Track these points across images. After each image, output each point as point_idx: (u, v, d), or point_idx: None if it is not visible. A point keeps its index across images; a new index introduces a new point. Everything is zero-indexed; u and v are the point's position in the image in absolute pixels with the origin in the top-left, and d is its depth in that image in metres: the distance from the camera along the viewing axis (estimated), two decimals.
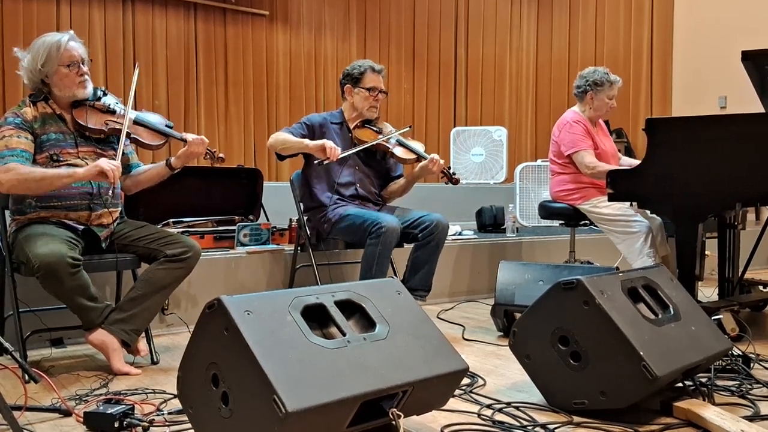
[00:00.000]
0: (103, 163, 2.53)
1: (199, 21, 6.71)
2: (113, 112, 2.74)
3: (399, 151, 3.46)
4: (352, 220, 3.25)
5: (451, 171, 3.46)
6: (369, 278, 3.10)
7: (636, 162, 3.56)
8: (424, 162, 3.41)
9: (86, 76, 2.70)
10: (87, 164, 2.65)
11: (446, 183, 3.49)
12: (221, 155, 2.88)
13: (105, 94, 2.77)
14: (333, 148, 3.19)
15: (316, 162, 3.27)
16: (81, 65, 2.67)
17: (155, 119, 2.86)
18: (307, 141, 3.30)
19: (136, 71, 3.05)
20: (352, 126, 3.50)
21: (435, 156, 3.39)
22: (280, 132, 3.43)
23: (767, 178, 2.86)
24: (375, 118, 3.55)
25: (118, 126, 2.72)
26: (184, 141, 2.78)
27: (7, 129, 2.57)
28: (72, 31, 2.72)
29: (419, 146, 3.54)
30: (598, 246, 4.69)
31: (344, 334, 1.74)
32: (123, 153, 2.75)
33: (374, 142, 3.39)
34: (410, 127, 3.89)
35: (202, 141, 2.78)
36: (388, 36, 7.89)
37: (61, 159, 2.63)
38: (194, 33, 6.69)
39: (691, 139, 3.00)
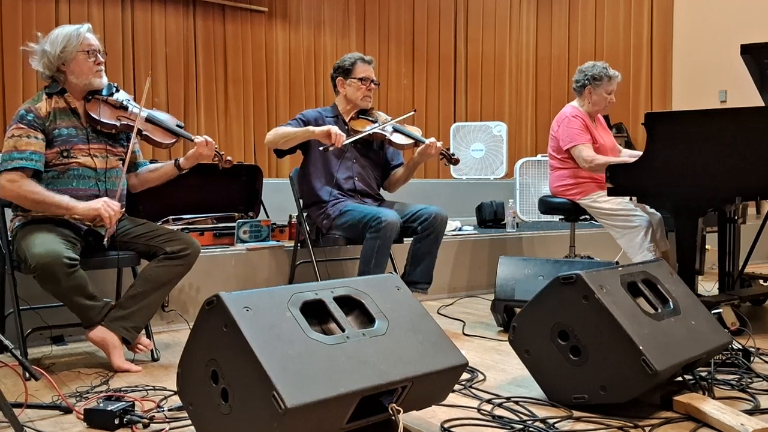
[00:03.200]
0: (102, 208, 2.55)
1: (198, 18, 6.70)
2: (125, 109, 2.75)
3: (397, 138, 3.46)
4: (352, 216, 3.25)
5: (450, 152, 3.45)
6: (367, 272, 3.11)
7: (638, 153, 3.56)
8: (422, 146, 3.40)
9: (102, 66, 2.71)
10: (96, 162, 2.67)
11: (446, 164, 3.49)
12: (229, 158, 2.87)
13: (117, 90, 2.79)
14: (338, 134, 3.19)
15: (321, 149, 3.26)
16: (98, 54, 2.69)
17: (166, 118, 2.87)
18: (312, 128, 3.30)
19: (149, 80, 3.02)
20: (347, 118, 3.51)
21: (433, 139, 3.40)
22: (277, 128, 3.42)
23: (766, 171, 2.86)
24: (369, 108, 3.55)
25: (130, 123, 2.73)
26: (194, 141, 2.80)
27: (17, 128, 2.56)
28: (89, 24, 2.74)
29: (417, 132, 3.53)
30: (598, 241, 4.69)
31: (343, 330, 1.74)
32: (132, 151, 2.79)
33: (373, 129, 3.39)
34: (414, 111, 3.89)
35: (209, 144, 2.78)
36: (388, 31, 7.88)
37: (72, 155, 2.63)
38: (193, 30, 6.69)
39: (690, 133, 3.00)
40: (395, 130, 3.48)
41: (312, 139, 3.32)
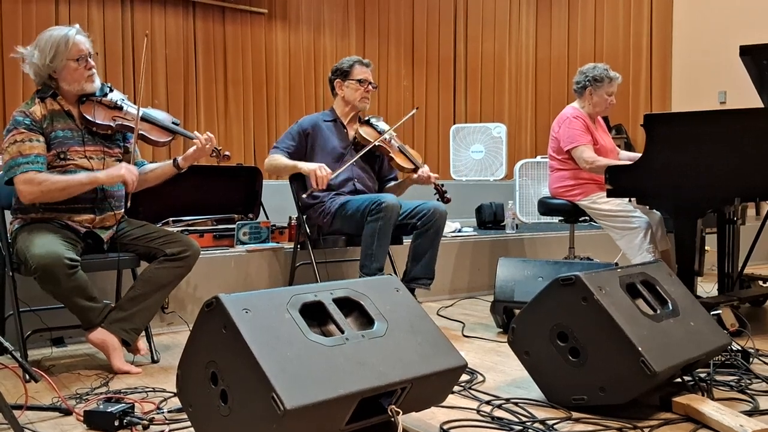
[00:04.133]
0: (126, 173, 2.58)
1: (198, 19, 6.71)
2: (120, 108, 2.75)
3: (399, 158, 3.51)
4: (352, 204, 3.28)
5: (443, 188, 3.49)
6: (370, 256, 3.12)
7: (636, 155, 3.57)
8: (416, 177, 3.48)
9: (94, 70, 2.70)
10: (92, 164, 2.67)
11: (438, 200, 3.50)
12: (227, 153, 2.88)
13: (111, 90, 2.78)
14: (321, 177, 3.23)
15: (304, 195, 3.35)
16: (89, 59, 2.67)
17: (162, 116, 2.86)
18: (300, 164, 3.35)
19: (146, 40, 2.97)
20: (345, 121, 3.52)
21: (425, 169, 3.46)
22: (271, 155, 3.47)
23: (765, 173, 2.86)
24: (377, 119, 3.57)
25: (125, 122, 2.72)
26: (192, 138, 2.80)
27: (18, 133, 2.55)
28: (78, 25, 2.71)
29: (418, 157, 3.60)
30: (597, 242, 4.70)
31: (342, 332, 1.74)
32: (129, 151, 2.78)
33: (374, 144, 3.41)
34: (416, 108, 3.91)
35: (209, 139, 2.78)
36: (387, 33, 7.89)
37: (68, 157, 2.63)
38: (193, 32, 6.69)
39: (689, 134, 3.00)
40: (399, 151, 3.53)
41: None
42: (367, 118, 3.60)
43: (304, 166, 3.32)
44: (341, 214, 3.32)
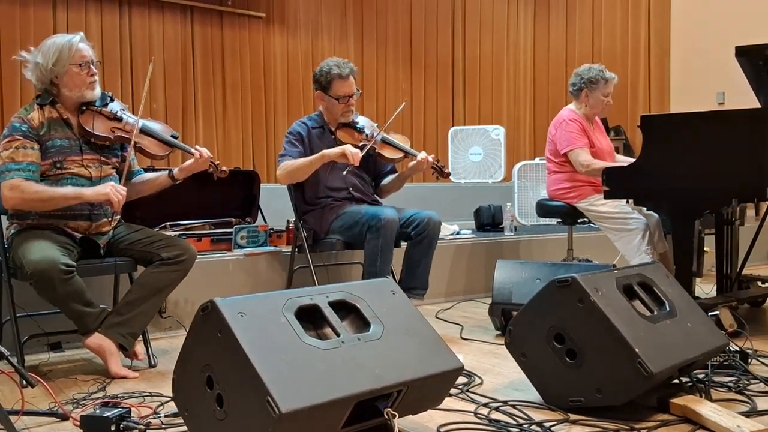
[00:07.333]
0: (111, 193, 2.56)
1: (196, 24, 6.71)
2: (119, 120, 2.74)
3: (387, 152, 3.45)
4: (350, 216, 3.26)
5: (440, 164, 3.44)
6: (374, 273, 3.11)
7: (631, 160, 3.57)
8: (414, 162, 3.41)
9: (96, 78, 2.69)
10: (90, 172, 2.67)
11: (438, 178, 3.47)
12: (224, 168, 2.87)
13: (112, 100, 2.77)
14: (354, 154, 3.19)
15: (344, 172, 3.28)
16: (91, 66, 2.67)
17: (162, 129, 2.85)
18: (326, 152, 3.27)
19: (151, 66, 3.02)
20: (333, 128, 3.48)
21: (423, 154, 3.39)
22: (284, 163, 3.36)
23: (762, 174, 2.86)
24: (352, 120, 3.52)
25: (124, 135, 2.72)
26: (190, 153, 2.79)
27: (13, 139, 2.54)
28: (82, 34, 2.71)
29: (405, 142, 3.52)
30: (596, 244, 4.69)
31: (338, 335, 1.74)
32: (126, 160, 2.77)
33: (369, 145, 3.37)
34: (405, 103, 3.86)
35: (205, 159, 2.77)
36: (385, 36, 7.89)
37: (65, 166, 2.62)
38: (191, 36, 6.69)
39: (685, 135, 3.00)
40: (384, 142, 3.46)
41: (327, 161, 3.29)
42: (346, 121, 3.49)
43: (330, 151, 3.25)
44: (339, 224, 3.31)
